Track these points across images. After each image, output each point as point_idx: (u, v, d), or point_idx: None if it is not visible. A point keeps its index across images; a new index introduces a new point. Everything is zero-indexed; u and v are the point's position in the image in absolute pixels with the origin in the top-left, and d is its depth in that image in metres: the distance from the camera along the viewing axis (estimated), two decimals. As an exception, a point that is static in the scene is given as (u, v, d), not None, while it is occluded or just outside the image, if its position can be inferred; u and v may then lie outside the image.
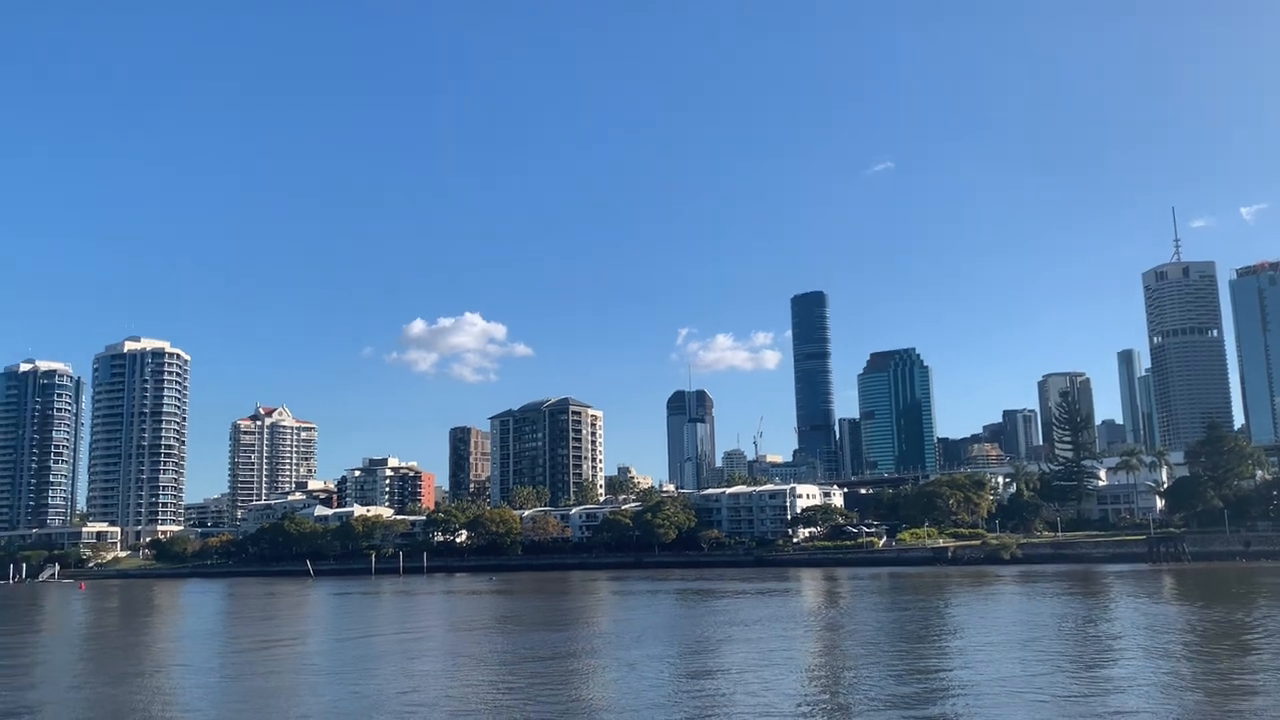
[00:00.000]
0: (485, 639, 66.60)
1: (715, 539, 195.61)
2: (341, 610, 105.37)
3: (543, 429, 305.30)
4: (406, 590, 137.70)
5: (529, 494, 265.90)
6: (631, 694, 39.70)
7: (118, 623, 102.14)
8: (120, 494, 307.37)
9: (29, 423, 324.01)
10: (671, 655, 53.36)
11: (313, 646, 66.37)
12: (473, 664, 51.89)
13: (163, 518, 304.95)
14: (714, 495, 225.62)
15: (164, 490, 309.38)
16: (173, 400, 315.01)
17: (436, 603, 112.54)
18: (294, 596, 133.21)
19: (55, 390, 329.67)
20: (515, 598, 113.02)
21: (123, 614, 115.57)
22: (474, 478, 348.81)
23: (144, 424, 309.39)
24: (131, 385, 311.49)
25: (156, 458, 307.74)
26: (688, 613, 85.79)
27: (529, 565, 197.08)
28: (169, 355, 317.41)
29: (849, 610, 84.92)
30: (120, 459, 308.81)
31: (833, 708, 37.04)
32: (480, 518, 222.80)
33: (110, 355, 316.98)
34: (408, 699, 40.21)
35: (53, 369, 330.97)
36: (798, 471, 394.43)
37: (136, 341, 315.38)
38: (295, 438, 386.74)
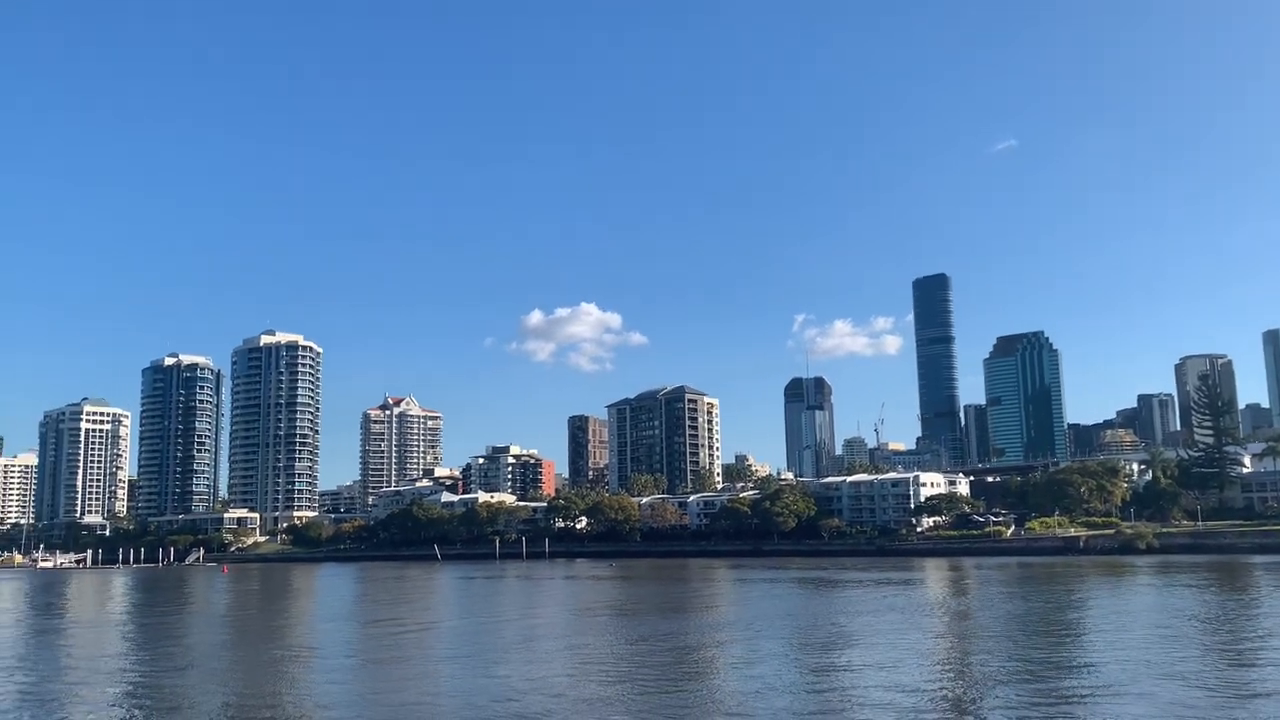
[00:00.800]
0: (607, 623, 67.34)
1: (836, 528, 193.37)
2: (468, 593, 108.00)
3: (659, 417, 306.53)
4: (530, 575, 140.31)
5: (646, 481, 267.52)
6: (753, 680, 39.54)
7: (258, 604, 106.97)
8: (259, 481, 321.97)
9: (174, 414, 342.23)
10: (792, 642, 52.97)
11: (443, 629, 68.21)
12: (596, 648, 52.49)
13: (298, 504, 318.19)
14: (834, 483, 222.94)
15: (299, 478, 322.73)
16: (306, 391, 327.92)
17: (559, 587, 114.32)
18: (423, 580, 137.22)
19: (197, 383, 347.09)
20: (635, 583, 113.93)
21: (262, 596, 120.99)
22: (592, 465, 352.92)
23: (280, 414, 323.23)
24: (268, 377, 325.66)
25: (292, 446, 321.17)
26: (808, 601, 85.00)
27: (647, 552, 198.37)
28: (302, 348, 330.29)
29: (976, 600, 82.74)
30: (258, 448, 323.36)
31: (959, 698, 36.14)
32: (599, 504, 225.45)
33: (248, 349, 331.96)
34: (534, 681, 40.92)
35: (194, 363, 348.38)
36: (921, 459, 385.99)
37: (272, 335, 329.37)
38: (422, 426, 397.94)
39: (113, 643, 66.82)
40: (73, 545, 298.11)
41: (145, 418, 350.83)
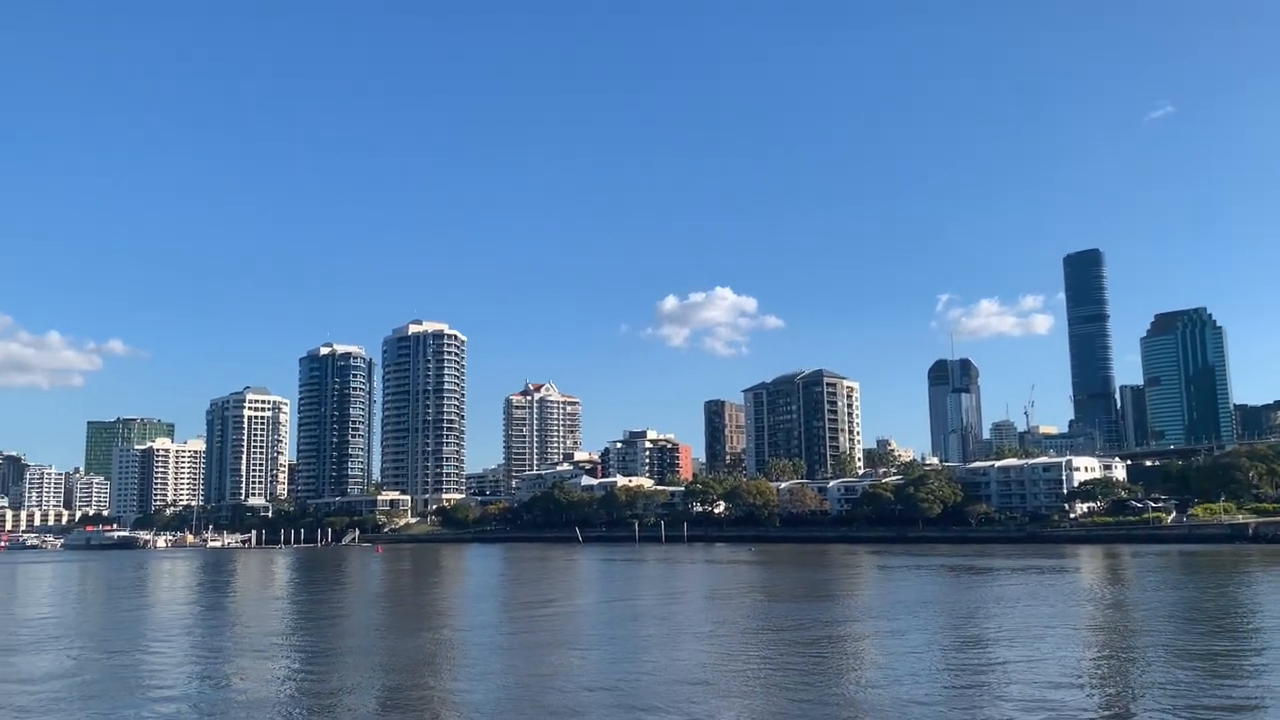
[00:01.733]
0: (749, 607, 67.32)
1: (983, 514, 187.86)
2: (610, 575, 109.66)
3: (797, 401, 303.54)
4: (669, 558, 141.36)
5: (785, 466, 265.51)
6: (894, 669, 38.88)
7: (411, 582, 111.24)
8: (409, 465, 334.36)
9: (329, 401, 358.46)
10: (937, 630, 51.83)
11: (587, 608, 69.51)
12: (737, 631, 52.59)
13: (447, 487, 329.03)
14: (981, 468, 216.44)
15: (447, 461, 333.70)
16: (452, 378, 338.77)
17: (699, 570, 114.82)
18: (565, 561, 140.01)
19: (351, 371, 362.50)
20: (775, 568, 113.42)
21: (415, 574, 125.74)
22: (729, 450, 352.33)
23: (427, 400, 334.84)
24: (416, 365, 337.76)
25: (440, 431, 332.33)
26: (954, 588, 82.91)
27: (787, 537, 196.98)
28: (448, 336, 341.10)
29: (1135, 590, 79.07)
30: (408, 433, 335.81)
31: (1114, 697, 34.68)
32: (737, 489, 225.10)
33: (397, 338, 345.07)
34: (677, 661, 41.32)
35: (348, 352, 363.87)
36: (1074, 443, 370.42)
37: (419, 325, 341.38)
38: (561, 412, 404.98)
39: (278, 618, 70.70)
40: (238, 526, 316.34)
41: (303, 405, 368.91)
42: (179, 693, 37.08)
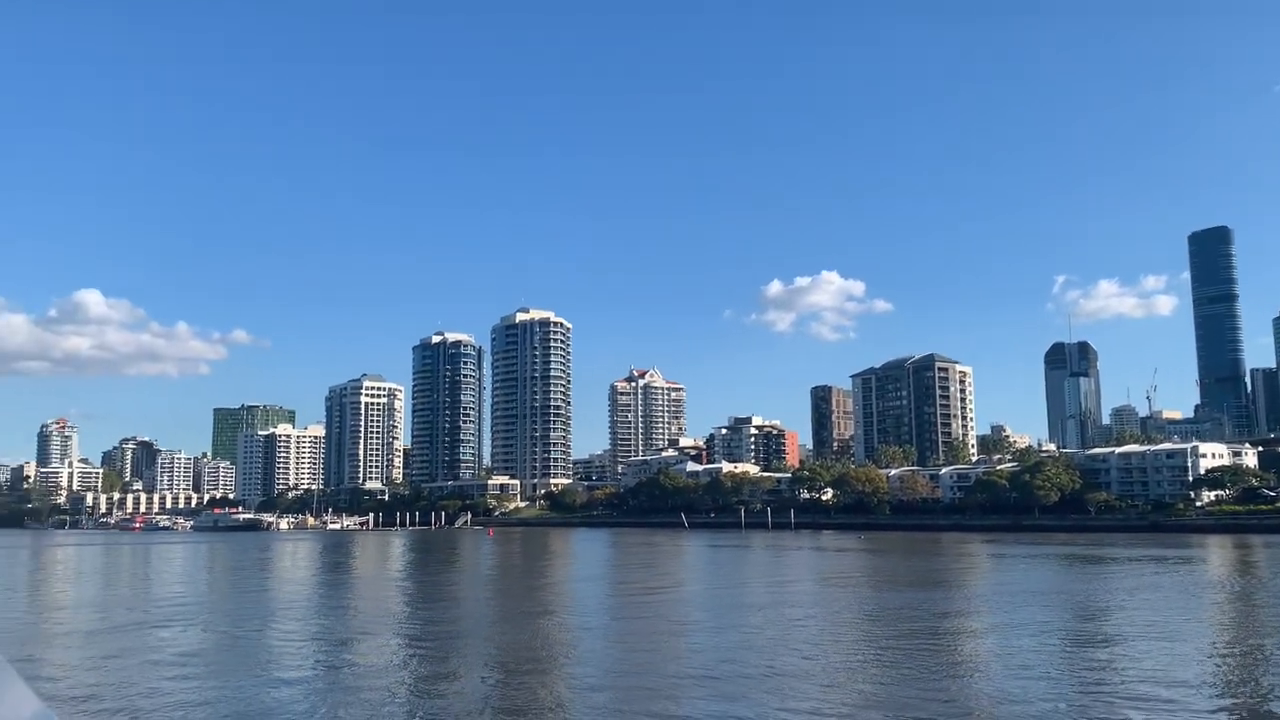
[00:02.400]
0: (858, 594, 66.56)
1: (1103, 502, 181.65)
2: (716, 560, 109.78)
3: (907, 387, 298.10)
4: (776, 544, 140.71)
5: (895, 453, 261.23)
6: (1012, 661, 37.96)
7: (521, 565, 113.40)
8: (518, 450, 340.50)
9: (441, 388, 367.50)
10: (1055, 622, 50.37)
11: (694, 592, 69.79)
12: (847, 617, 52.10)
13: (554, 472, 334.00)
14: (1101, 455, 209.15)
15: (554, 447, 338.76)
16: (558, 365, 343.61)
17: (806, 557, 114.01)
18: (671, 546, 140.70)
19: (461, 358, 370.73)
20: (885, 556, 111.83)
21: (525, 557, 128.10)
22: (837, 436, 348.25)
23: (535, 387, 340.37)
24: (523, 352, 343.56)
25: (547, 417, 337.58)
26: (1073, 578, 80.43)
27: (896, 525, 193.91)
28: (554, 324, 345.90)
29: (1267, 582, 75.35)
30: (517, 419, 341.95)
31: (1246, 695, 33.17)
32: (845, 476, 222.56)
33: (505, 325, 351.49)
34: (785, 645, 41.19)
35: (459, 339, 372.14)
36: (1200, 429, 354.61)
37: (526, 312, 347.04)
38: (666, 398, 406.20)
39: (396, 598, 72.96)
40: (356, 509, 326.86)
41: (416, 391, 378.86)
42: (301, 668, 38.65)
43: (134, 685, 34.51)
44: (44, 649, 44.69)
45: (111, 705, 30.78)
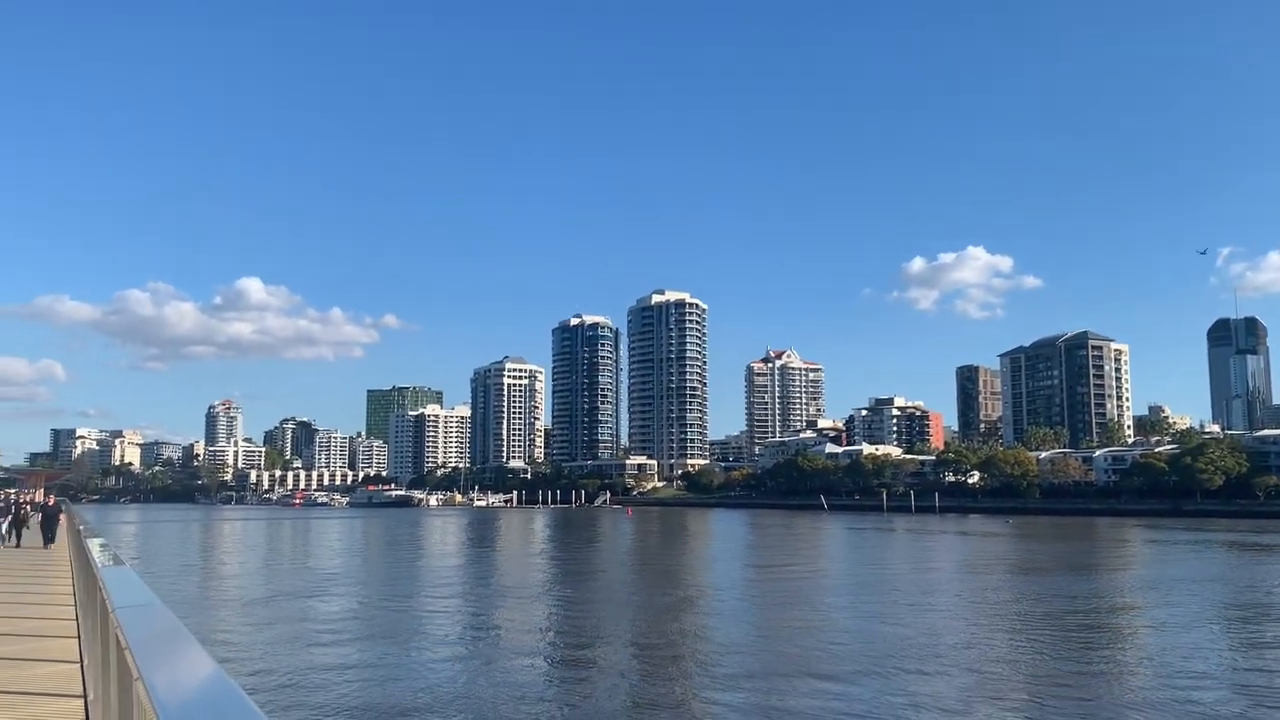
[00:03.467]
0: (1003, 580, 64.57)
1: (1273, 486, 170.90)
2: (858, 543, 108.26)
3: (1058, 366, 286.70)
4: (919, 528, 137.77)
5: (1045, 435, 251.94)
6: (1172, 656, 36.18)
7: (660, 543, 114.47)
8: (655, 431, 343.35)
9: (579, 369, 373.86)
10: (1220, 614, 47.71)
11: (834, 575, 69.08)
12: (993, 604, 50.68)
13: (691, 452, 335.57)
14: (1271, 437, 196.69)
15: (691, 427, 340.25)
16: (694, 346, 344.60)
17: (951, 542, 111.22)
18: (810, 528, 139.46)
19: (599, 341, 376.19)
20: (1035, 541, 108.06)
21: (663, 536, 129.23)
22: (983, 417, 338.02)
23: (671, 368, 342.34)
24: (659, 334, 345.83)
25: (683, 398, 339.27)
26: (1239, 566, 75.95)
27: (1047, 509, 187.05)
28: (689, 305, 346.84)
29: None
30: (653, 399, 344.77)
31: None
32: (993, 459, 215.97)
33: (640, 307, 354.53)
34: (930, 629, 40.37)
35: (596, 322, 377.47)
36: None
37: (662, 294, 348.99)
38: (803, 379, 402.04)
39: (541, 571, 74.76)
40: (500, 486, 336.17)
41: (556, 373, 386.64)
42: (447, 638, 40.06)
43: (295, 650, 36.48)
44: (215, 615, 47.68)
45: (275, 667, 32.62)
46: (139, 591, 6.93)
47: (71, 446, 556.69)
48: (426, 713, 26.47)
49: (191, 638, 4.76)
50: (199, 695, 3.59)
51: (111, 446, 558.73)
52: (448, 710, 26.79)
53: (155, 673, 3.78)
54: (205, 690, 3.63)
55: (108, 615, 6.76)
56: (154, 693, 3.41)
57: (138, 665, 4.10)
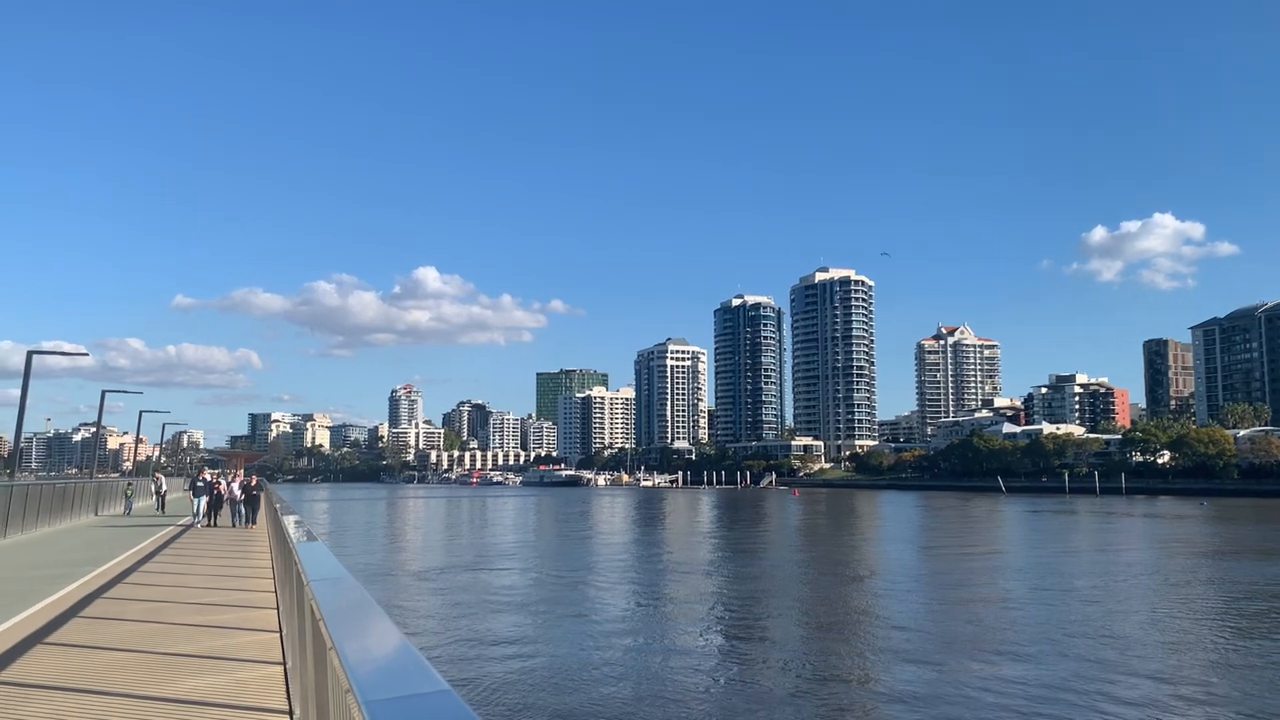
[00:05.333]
0: (1200, 565, 60.60)
1: None
2: (1038, 527, 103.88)
3: (1258, 338, 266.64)
4: (1104, 511, 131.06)
5: (1244, 411, 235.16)
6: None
7: (828, 524, 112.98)
8: (820, 411, 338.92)
9: (742, 350, 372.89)
10: None
11: (1012, 559, 66.52)
12: (1189, 593, 47.62)
13: (859, 433, 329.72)
14: None
15: (858, 407, 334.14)
16: (860, 324, 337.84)
17: (1139, 526, 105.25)
18: (986, 510, 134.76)
19: (761, 321, 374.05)
20: (1234, 524, 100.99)
21: (831, 517, 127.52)
22: (1174, 394, 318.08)
23: (836, 347, 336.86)
24: (823, 312, 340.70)
25: (850, 378, 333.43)
26: None
27: (1247, 491, 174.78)
28: (854, 282, 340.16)
29: None
30: (818, 379, 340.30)
31: None
32: (1184, 437, 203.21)
33: (804, 286, 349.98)
34: (1118, 622, 38.34)
35: (758, 302, 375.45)
36: None
37: (825, 272, 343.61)
38: (978, 355, 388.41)
39: (709, 548, 75.02)
40: (665, 467, 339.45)
41: (718, 354, 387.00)
42: (620, 610, 40.66)
43: (473, 620, 37.85)
44: (400, 587, 50.04)
45: (455, 637, 33.91)
46: (331, 565, 7.25)
47: (268, 429, 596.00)
48: (598, 684, 26.96)
49: (379, 609, 4.90)
50: (387, 664, 3.76)
51: (303, 429, 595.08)
52: (619, 682, 27.21)
53: (347, 642, 3.97)
54: (392, 659, 3.79)
55: (303, 588, 7.10)
56: (346, 661, 3.58)
57: (331, 635, 4.32)
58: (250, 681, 10.38)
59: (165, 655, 11.69)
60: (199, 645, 12.31)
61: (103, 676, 10.70)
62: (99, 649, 12.34)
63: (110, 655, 11.90)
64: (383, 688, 3.16)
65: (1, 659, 11.78)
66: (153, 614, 15.05)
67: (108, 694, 9.89)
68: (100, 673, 10.91)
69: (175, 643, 12.48)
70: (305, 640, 7.00)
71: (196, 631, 13.45)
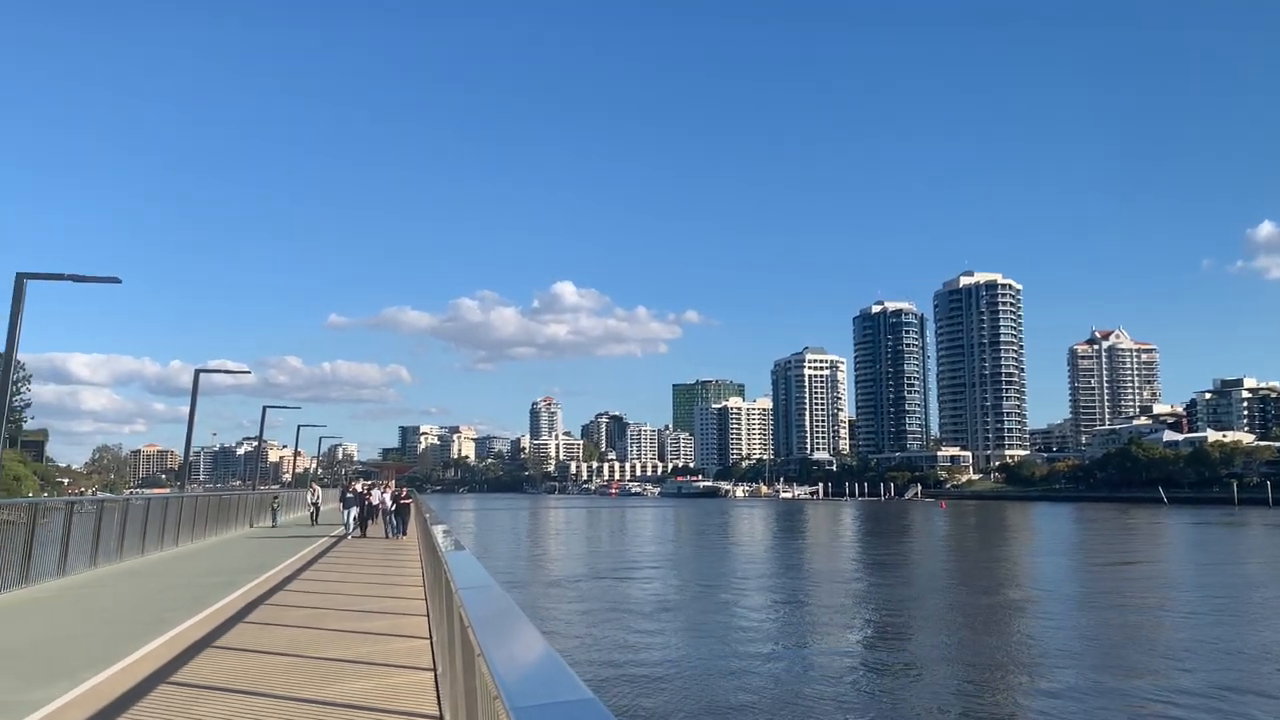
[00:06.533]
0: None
1: None
2: (1202, 541, 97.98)
3: None
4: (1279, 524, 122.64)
5: None
6: None
7: (977, 537, 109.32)
8: (967, 420, 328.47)
9: (883, 358, 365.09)
10: None
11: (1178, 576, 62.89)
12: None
13: (1008, 442, 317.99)
14: None
15: (1007, 416, 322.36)
16: (1009, 329, 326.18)
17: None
18: (1147, 523, 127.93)
19: (903, 327, 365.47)
20: None
21: (981, 530, 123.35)
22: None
23: (983, 353, 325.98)
24: (969, 318, 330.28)
25: (998, 385, 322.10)
26: None
27: None
28: (1001, 286, 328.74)
29: None
30: (964, 387, 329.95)
31: None
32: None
33: (947, 291, 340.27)
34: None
35: (899, 308, 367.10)
36: None
37: (970, 276, 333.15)
38: (1135, 360, 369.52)
39: (853, 561, 73.62)
40: (805, 478, 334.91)
41: (858, 362, 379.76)
42: (760, 621, 40.21)
43: (613, 628, 38.08)
44: (542, 594, 50.84)
45: (596, 645, 34.18)
46: (478, 574, 7.36)
47: (417, 442, 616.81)
48: (736, 694, 26.71)
49: (524, 616, 4.95)
50: (533, 670, 3.84)
51: (450, 441, 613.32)
52: (757, 692, 26.88)
53: (494, 649, 4.06)
54: (538, 666, 3.88)
55: (452, 596, 7.22)
56: (494, 667, 3.64)
57: (479, 642, 4.41)
58: (402, 686, 10.66)
59: (322, 660, 12.14)
60: (354, 651, 12.74)
61: (265, 679, 11.17)
62: (262, 653, 12.91)
63: (272, 659, 12.43)
64: (529, 694, 3.24)
65: (177, 660, 12.46)
66: (310, 620, 15.66)
67: (270, 696, 10.32)
68: (263, 675, 11.39)
69: (332, 648, 12.95)
70: (454, 647, 7.12)
71: (351, 638, 13.93)
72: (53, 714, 9.57)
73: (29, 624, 16.05)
